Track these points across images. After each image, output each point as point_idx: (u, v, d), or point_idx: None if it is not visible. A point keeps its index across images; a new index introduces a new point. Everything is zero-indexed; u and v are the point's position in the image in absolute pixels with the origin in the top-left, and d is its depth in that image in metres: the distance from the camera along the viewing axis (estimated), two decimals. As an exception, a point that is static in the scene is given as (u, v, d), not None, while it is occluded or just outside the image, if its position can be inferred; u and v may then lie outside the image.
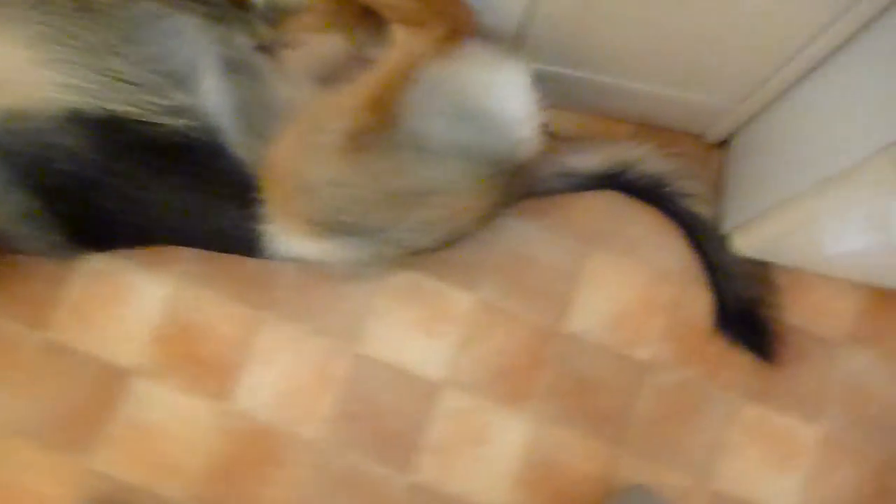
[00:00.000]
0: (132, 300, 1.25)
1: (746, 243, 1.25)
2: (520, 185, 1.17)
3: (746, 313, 1.28)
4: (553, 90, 1.21)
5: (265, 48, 1.10)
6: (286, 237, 1.09)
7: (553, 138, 1.29)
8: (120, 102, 1.02)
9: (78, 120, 1.03)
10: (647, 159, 1.32)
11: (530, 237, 1.31)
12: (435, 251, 1.17)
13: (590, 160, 1.29)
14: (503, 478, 1.25)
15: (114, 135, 1.04)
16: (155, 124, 1.03)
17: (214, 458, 1.22)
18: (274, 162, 1.04)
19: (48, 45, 1.04)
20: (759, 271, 1.32)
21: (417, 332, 1.28)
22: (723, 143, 1.36)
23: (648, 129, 1.34)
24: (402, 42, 1.00)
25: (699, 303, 1.31)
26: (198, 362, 1.25)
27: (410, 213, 1.09)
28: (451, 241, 1.18)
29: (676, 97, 1.25)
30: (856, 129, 1.00)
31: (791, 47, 1.05)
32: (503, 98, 1.08)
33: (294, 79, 1.09)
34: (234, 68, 1.07)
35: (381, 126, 1.02)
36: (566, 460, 1.26)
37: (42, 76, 1.03)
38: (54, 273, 1.25)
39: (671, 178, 1.32)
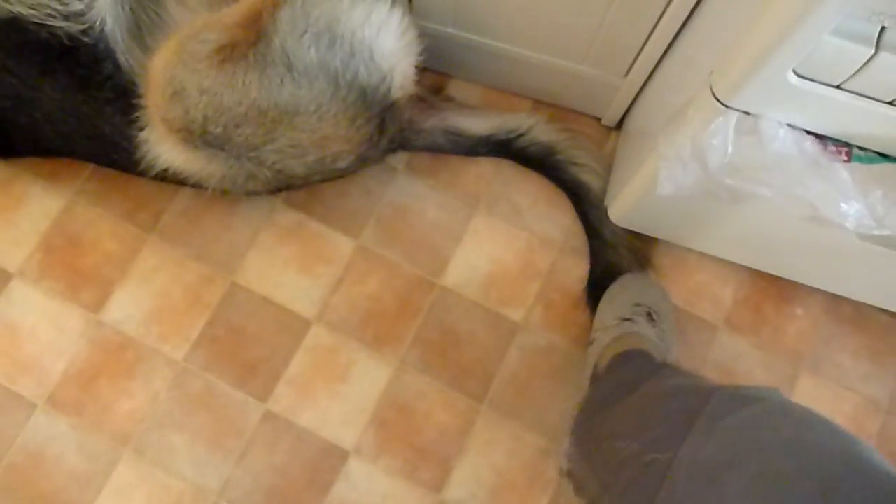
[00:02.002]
0: (25, 207, 1.35)
1: (617, 213, 1.30)
2: (393, 127, 1.25)
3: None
4: (446, 55, 1.30)
5: None
6: (160, 144, 1.18)
7: (440, 96, 1.38)
8: (22, 5, 1.12)
9: None
10: (539, 129, 1.38)
11: (418, 193, 1.39)
12: (310, 182, 1.24)
13: (479, 124, 1.37)
14: (357, 417, 1.28)
15: (14, 35, 1.15)
16: (51, 27, 1.15)
17: (76, 364, 1.27)
18: (155, 68, 1.16)
19: None
20: (638, 247, 1.36)
21: (295, 268, 1.34)
22: (618, 127, 1.42)
23: (549, 107, 1.41)
24: None
25: (576, 272, 1.37)
26: (78, 273, 1.32)
27: (278, 133, 1.18)
28: (326, 174, 1.25)
29: (564, 69, 1.35)
30: (692, 79, 1.07)
31: (652, 13, 1.13)
32: (377, 31, 1.17)
33: (188, 4, 1.19)
34: None
35: (252, 40, 1.13)
36: (423, 408, 1.29)
37: None
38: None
39: (562, 148, 1.39)
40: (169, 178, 1.26)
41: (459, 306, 1.37)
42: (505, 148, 1.43)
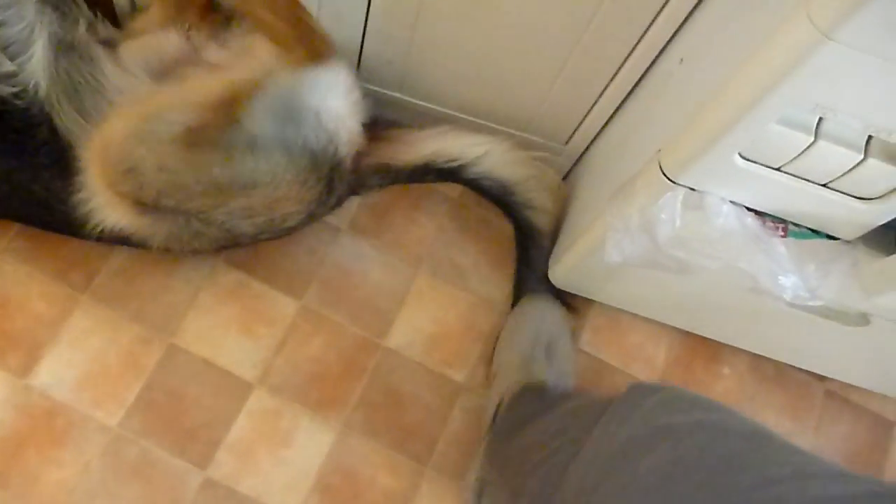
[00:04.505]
0: (-52, 266, 1.27)
1: (558, 276, 1.34)
2: (341, 183, 1.25)
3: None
4: (390, 116, 1.32)
5: (104, 40, 1.19)
6: (104, 209, 1.16)
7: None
8: None
9: None
10: (497, 164, 1.39)
11: (361, 253, 1.40)
12: (258, 240, 1.24)
13: (418, 149, 1.37)
14: (301, 483, 1.26)
15: None
16: None
17: (1, 433, 1.20)
18: (105, 139, 1.13)
19: None
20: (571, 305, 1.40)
21: (236, 330, 1.32)
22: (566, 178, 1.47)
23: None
24: (265, 57, 1.13)
25: (518, 333, 1.38)
26: (4, 335, 1.27)
27: (231, 201, 1.16)
28: (274, 233, 1.24)
29: (508, 135, 1.37)
30: (639, 152, 1.13)
31: (595, 87, 1.19)
32: (324, 97, 1.17)
33: (128, 69, 1.17)
34: (67, 49, 1.16)
35: (221, 125, 1.11)
36: (368, 472, 1.28)
37: None
38: None
39: (518, 188, 1.40)
40: (106, 238, 1.23)
41: (403, 367, 1.37)
42: (445, 174, 1.42)
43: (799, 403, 1.49)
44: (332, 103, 1.20)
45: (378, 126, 1.31)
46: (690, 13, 1.04)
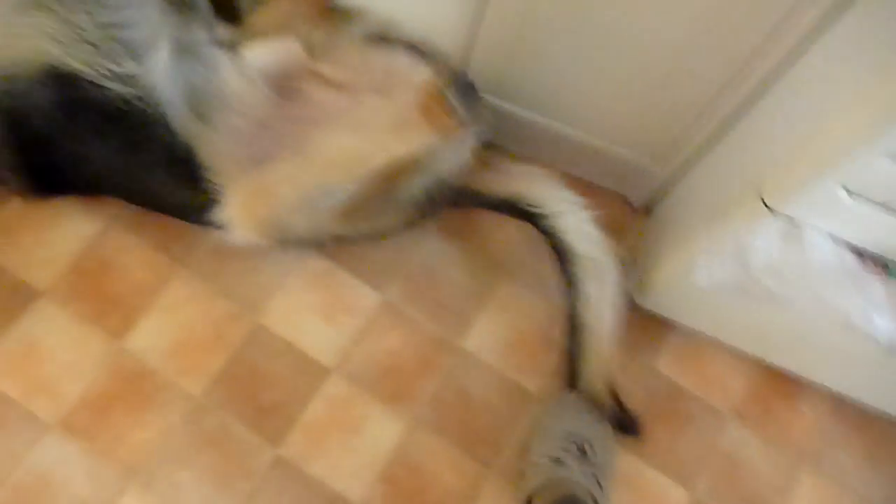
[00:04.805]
0: (59, 228, 1.38)
1: (643, 294, 1.33)
2: (443, 199, 1.29)
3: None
4: (491, 124, 1.34)
5: (223, 43, 1.24)
6: (238, 231, 1.25)
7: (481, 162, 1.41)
8: (79, 61, 1.17)
9: (51, 75, 1.16)
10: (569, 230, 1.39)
11: (447, 254, 1.42)
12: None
13: (508, 187, 1.39)
14: (366, 471, 1.29)
15: (71, 93, 1.19)
16: (104, 88, 1.17)
17: (93, 390, 1.28)
18: (265, 193, 1.21)
19: None
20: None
21: (319, 316, 1.36)
22: (646, 210, 1.46)
23: (578, 181, 1.45)
24: (426, 137, 1.18)
25: (594, 348, 1.37)
26: (105, 298, 1.33)
27: (354, 231, 1.30)
28: (374, 238, 1.30)
29: (602, 148, 1.38)
30: (737, 177, 1.11)
31: (696, 109, 1.18)
32: (454, 163, 1.28)
33: (245, 75, 1.23)
34: (187, 52, 1.22)
35: (377, 197, 1.20)
36: (432, 469, 1.30)
37: (31, 23, 1.16)
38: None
39: (579, 262, 1.39)
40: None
41: (477, 370, 1.38)
42: (525, 216, 1.44)
43: (880, 451, 1.44)
44: (459, 164, 1.27)
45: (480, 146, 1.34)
46: (802, 42, 1.03)
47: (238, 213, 1.23)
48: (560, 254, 1.37)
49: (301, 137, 1.21)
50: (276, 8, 1.30)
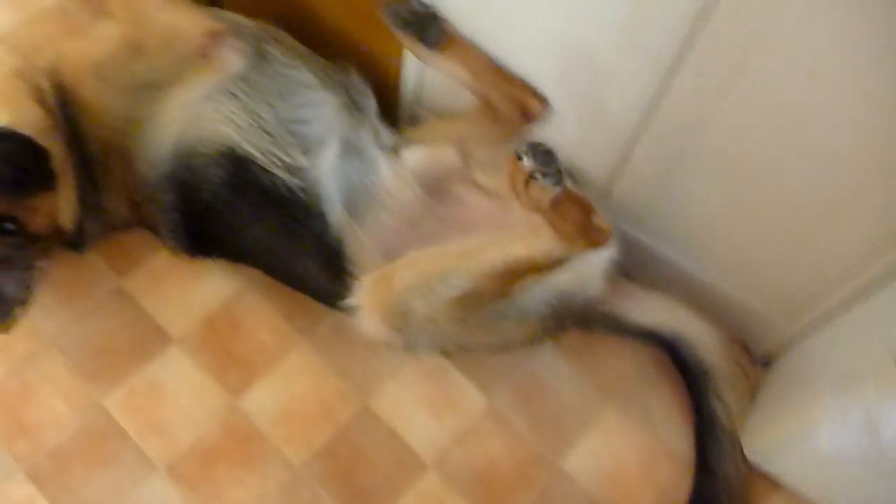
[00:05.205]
0: (202, 282, 1.47)
1: (752, 447, 1.30)
2: (571, 323, 1.33)
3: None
4: (622, 250, 1.37)
5: (386, 146, 1.34)
6: (365, 320, 1.30)
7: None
8: (255, 148, 1.28)
9: (228, 156, 1.29)
10: (704, 346, 1.40)
11: (559, 370, 1.43)
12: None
13: (645, 315, 1.40)
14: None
15: (242, 174, 1.31)
16: (273, 175, 1.28)
17: (204, 441, 1.33)
18: (390, 280, 1.26)
19: (229, 84, 1.30)
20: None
21: (425, 410, 1.39)
22: (765, 361, 1.44)
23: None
24: (551, 244, 1.19)
25: (695, 494, 1.35)
26: (230, 355, 1.40)
27: (476, 338, 1.31)
28: (494, 350, 1.34)
29: (731, 295, 1.38)
30: (874, 345, 1.10)
31: (841, 266, 1.18)
32: (590, 282, 1.30)
33: (402, 177, 1.31)
34: (352, 151, 1.31)
35: (496, 293, 1.23)
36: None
37: (218, 108, 1.29)
38: (148, 241, 1.46)
39: (715, 376, 1.39)
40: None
41: (573, 494, 1.36)
42: (661, 344, 1.45)
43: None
44: (595, 284, 1.29)
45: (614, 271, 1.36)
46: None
47: (365, 299, 1.28)
48: (694, 376, 1.39)
49: (444, 236, 1.27)
50: (445, 124, 1.38)
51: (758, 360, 1.49)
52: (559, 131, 1.30)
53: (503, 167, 1.21)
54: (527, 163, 1.14)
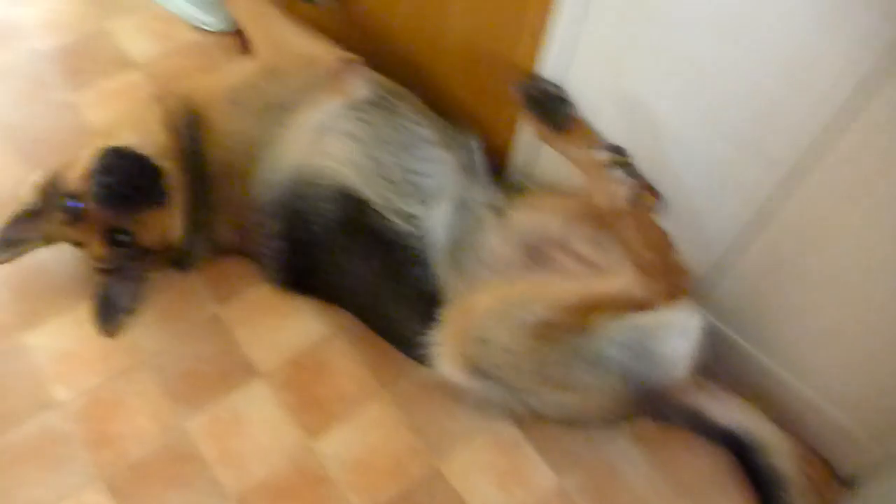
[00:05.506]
0: (294, 321, 1.50)
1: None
2: (652, 407, 1.31)
3: None
4: (712, 348, 1.36)
5: (494, 206, 1.37)
6: (443, 359, 1.32)
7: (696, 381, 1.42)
8: (373, 191, 1.33)
9: (345, 195, 1.34)
10: (781, 455, 1.37)
11: (633, 460, 1.42)
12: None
13: (727, 417, 1.38)
14: None
15: (356, 214, 1.36)
16: (386, 219, 1.32)
17: (275, 477, 1.36)
18: (470, 307, 1.29)
19: (354, 121, 1.37)
20: None
21: (494, 480, 1.39)
22: (849, 482, 1.39)
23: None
24: (629, 280, 1.22)
25: None
26: (311, 396, 1.44)
27: (552, 394, 1.30)
28: (567, 423, 1.33)
29: (820, 408, 1.35)
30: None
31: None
32: (674, 341, 1.26)
33: (505, 237, 1.34)
34: (463, 207, 1.35)
35: (573, 330, 1.23)
36: None
37: (341, 148, 1.36)
38: (254, 274, 1.51)
39: (789, 487, 1.36)
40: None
41: (634, 590, 1.33)
42: (735, 447, 1.41)
43: None
44: (679, 347, 1.26)
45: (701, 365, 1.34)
46: None
47: (446, 331, 1.30)
48: (769, 487, 1.35)
49: None
50: (554, 196, 1.40)
51: (840, 479, 1.44)
52: (667, 221, 1.31)
53: (605, 245, 1.22)
54: (602, 154, 1.16)
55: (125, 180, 1.33)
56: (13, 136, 1.71)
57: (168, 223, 1.43)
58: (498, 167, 1.52)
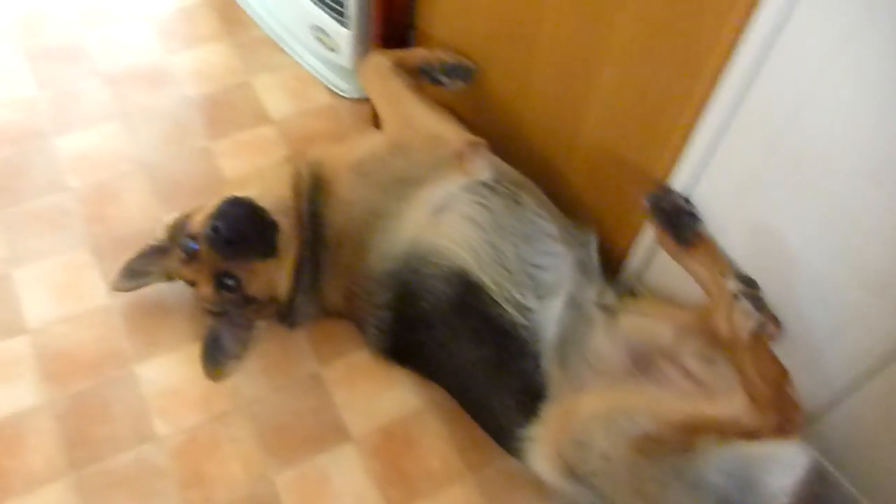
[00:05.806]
0: (391, 390, 1.53)
1: None
2: None
3: None
4: (814, 485, 1.32)
5: (605, 306, 1.38)
6: (538, 456, 1.31)
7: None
8: (490, 278, 1.36)
9: (460, 277, 1.37)
10: None
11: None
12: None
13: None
14: None
15: (469, 298, 1.38)
16: (500, 307, 1.34)
17: (351, 546, 1.36)
18: (573, 408, 1.28)
19: (474, 205, 1.41)
20: None
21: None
22: None
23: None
24: (741, 408, 1.19)
25: None
26: (398, 469, 1.45)
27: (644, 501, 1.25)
28: None
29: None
30: None
31: None
32: (780, 476, 1.20)
33: (614, 339, 1.34)
34: (575, 305, 1.36)
35: (677, 449, 1.20)
36: None
37: (460, 230, 1.39)
38: (357, 339, 1.55)
39: None
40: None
41: None
42: None
43: None
44: (784, 483, 1.22)
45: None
46: None
47: (545, 428, 1.29)
48: None
49: None
50: (669, 306, 1.40)
51: None
52: (782, 351, 1.29)
53: (716, 364, 1.21)
54: (732, 284, 1.16)
55: (237, 227, 1.38)
56: (153, 175, 1.81)
57: (275, 276, 1.48)
58: (612, 268, 1.53)
